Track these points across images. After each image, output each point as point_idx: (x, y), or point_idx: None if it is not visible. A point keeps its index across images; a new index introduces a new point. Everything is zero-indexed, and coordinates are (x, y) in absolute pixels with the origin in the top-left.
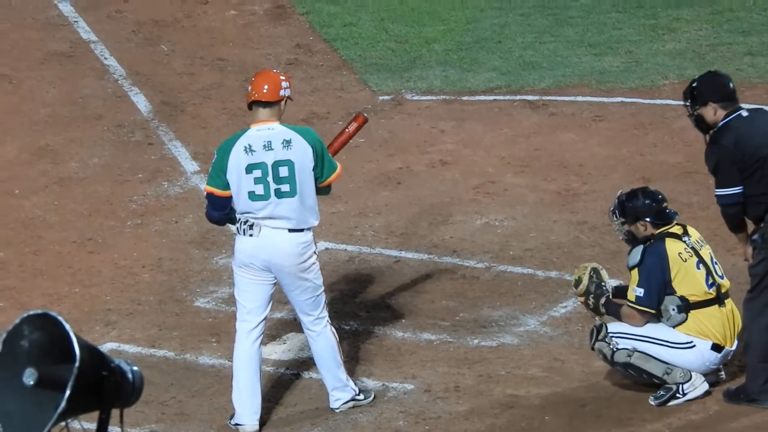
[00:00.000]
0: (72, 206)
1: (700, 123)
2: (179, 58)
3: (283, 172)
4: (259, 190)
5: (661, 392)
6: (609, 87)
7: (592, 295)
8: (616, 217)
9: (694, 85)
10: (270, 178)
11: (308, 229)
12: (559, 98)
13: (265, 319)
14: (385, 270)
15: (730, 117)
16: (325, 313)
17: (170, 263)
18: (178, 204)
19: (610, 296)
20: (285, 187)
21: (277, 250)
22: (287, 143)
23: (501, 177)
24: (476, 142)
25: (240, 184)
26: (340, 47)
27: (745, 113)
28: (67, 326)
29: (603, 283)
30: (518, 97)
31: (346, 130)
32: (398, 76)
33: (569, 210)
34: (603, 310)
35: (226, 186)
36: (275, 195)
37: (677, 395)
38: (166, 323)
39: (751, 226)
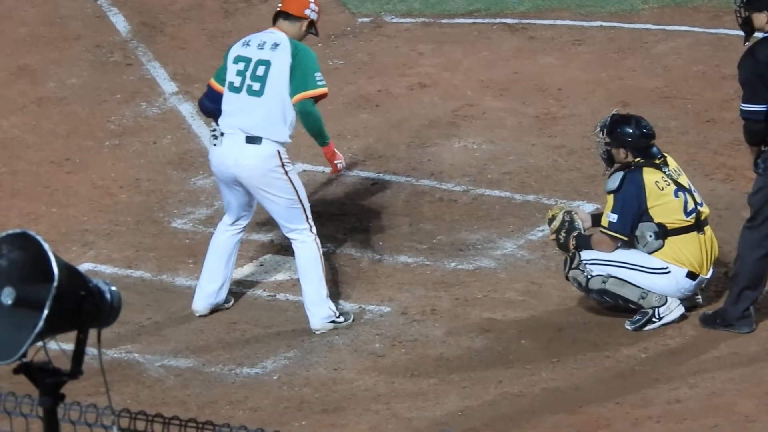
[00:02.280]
0: (50, 126)
1: (746, 26)
2: None
3: (260, 71)
4: (237, 82)
5: (637, 317)
6: (588, 11)
7: (564, 231)
8: (603, 134)
9: None
10: (248, 73)
11: (270, 141)
12: (538, 22)
13: (243, 218)
14: (363, 192)
15: None
16: (306, 225)
17: (148, 184)
18: (157, 125)
19: (582, 232)
20: (256, 86)
21: (234, 162)
22: (275, 46)
23: (480, 100)
24: (455, 65)
25: (227, 75)
26: None
27: None
28: (46, 246)
29: (575, 223)
30: (497, 21)
31: None
32: None
33: (547, 134)
34: (573, 243)
35: (223, 81)
36: (246, 91)
37: (653, 319)
38: (143, 244)
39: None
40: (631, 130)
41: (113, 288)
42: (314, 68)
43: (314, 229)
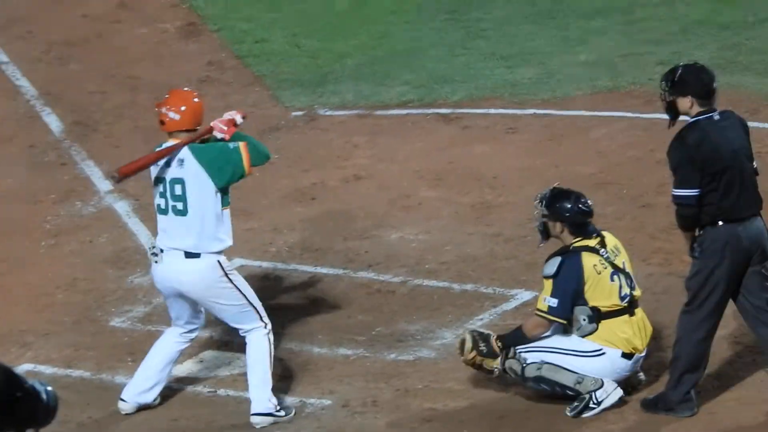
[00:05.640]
0: None
1: (671, 110)
2: (91, 77)
3: (178, 190)
4: (162, 204)
5: (576, 403)
6: (522, 99)
7: (482, 344)
8: (542, 206)
9: (679, 72)
10: (168, 194)
11: (210, 253)
12: (472, 111)
13: (193, 329)
14: (301, 286)
15: (702, 117)
16: (259, 324)
17: (85, 283)
18: (92, 224)
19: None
20: (179, 205)
21: (177, 279)
22: (181, 162)
23: (415, 190)
24: (390, 156)
25: (153, 196)
26: (253, 63)
27: (717, 116)
28: None
29: (484, 332)
30: (431, 111)
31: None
32: (311, 92)
33: (484, 222)
34: (499, 344)
35: None
36: (172, 212)
37: (591, 404)
38: (82, 343)
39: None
40: (569, 206)
41: (49, 388)
42: (220, 150)
43: (269, 325)
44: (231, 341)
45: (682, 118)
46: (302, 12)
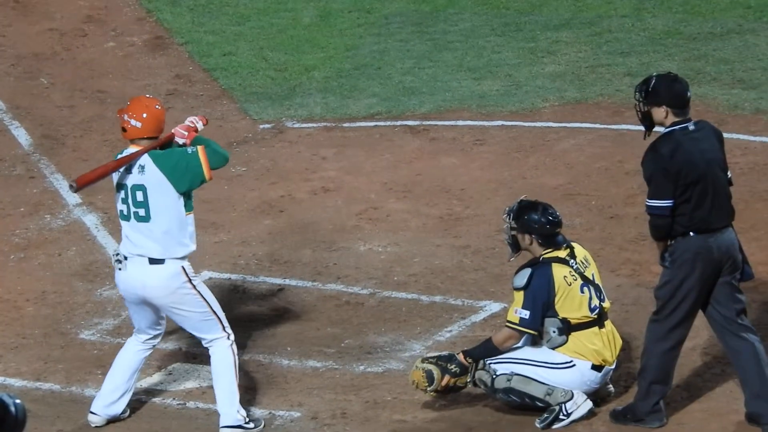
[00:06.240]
0: None
1: (646, 120)
2: (59, 91)
3: (139, 196)
4: (124, 210)
5: (545, 414)
6: (489, 111)
7: (450, 365)
8: (510, 219)
9: (653, 82)
10: (130, 201)
11: (174, 259)
12: (439, 123)
13: (154, 336)
14: (270, 298)
15: (677, 127)
16: (222, 334)
17: (54, 296)
18: (61, 237)
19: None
20: (141, 212)
21: (141, 285)
22: (141, 168)
23: (383, 203)
24: (358, 168)
25: (115, 201)
26: (220, 76)
27: (691, 127)
28: None
29: (443, 353)
30: (399, 123)
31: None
32: (278, 105)
33: (452, 234)
34: (468, 360)
35: None
36: (134, 218)
37: (561, 416)
38: (52, 356)
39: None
40: (537, 217)
41: (18, 401)
42: (180, 155)
43: (232, 336)
44: (200, 354)
45: (657, 128)
46: (269, 25)
